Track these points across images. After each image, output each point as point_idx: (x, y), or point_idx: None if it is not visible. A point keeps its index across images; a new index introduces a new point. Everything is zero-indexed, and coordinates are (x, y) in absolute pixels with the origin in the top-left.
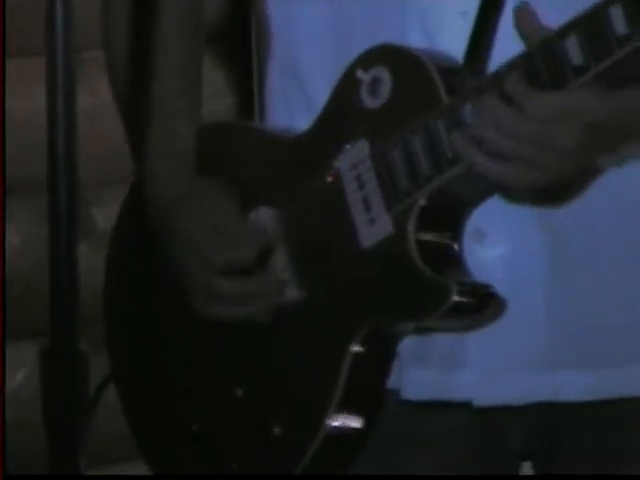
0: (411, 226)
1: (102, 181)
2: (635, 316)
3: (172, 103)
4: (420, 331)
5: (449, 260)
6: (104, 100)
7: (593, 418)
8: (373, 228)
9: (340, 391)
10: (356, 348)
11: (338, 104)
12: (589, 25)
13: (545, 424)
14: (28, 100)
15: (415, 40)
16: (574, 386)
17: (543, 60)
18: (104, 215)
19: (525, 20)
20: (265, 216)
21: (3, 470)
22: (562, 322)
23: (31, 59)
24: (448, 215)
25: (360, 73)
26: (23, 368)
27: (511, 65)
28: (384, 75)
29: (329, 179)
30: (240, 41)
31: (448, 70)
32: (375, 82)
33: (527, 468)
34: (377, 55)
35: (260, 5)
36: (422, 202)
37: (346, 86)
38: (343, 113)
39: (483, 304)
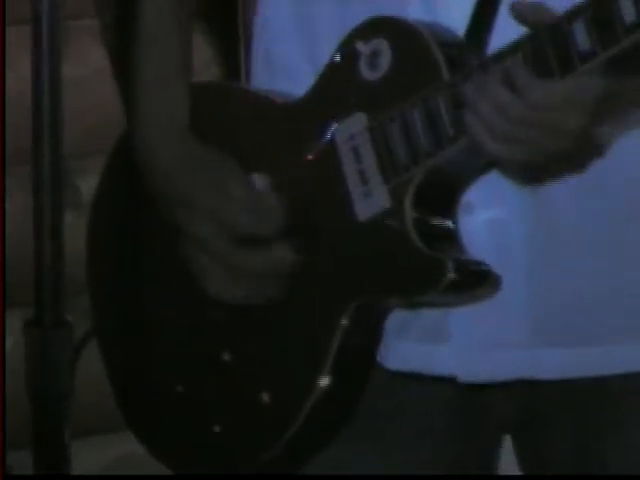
0: (408, 201)
1: (87, 151)
2: (618, 294)
3: (164, 63)
4: (411, 305)
5: (445, 236)
6: (90, 69)
7: (574, 395)
8: (369, 201)
9: (330, 360)
10: (347, 320)
11: (335, 74)
12: (597, 11)
13: (526, 400)
14: (14, 70)
15: (414, 12)
16: (555, 363)
17: (549, 43)
18: (88, 185)
19: (526, 9)
20: (259, 184)
21: (3, 470)
22: (544, 299)
23: (16, 27)
24: (445, 191)
25: (360, 45)
26: (9, 337)
27: (515, 46)
28: (384, 47)
29: (325, 149)
30: (227, 15)
31: (449, 44)
32: (374, 54)
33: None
34: (377, 27)
35: None
36: (420, 177)
37: (344, 56)
38: (340, 83)
39: (478, 281)
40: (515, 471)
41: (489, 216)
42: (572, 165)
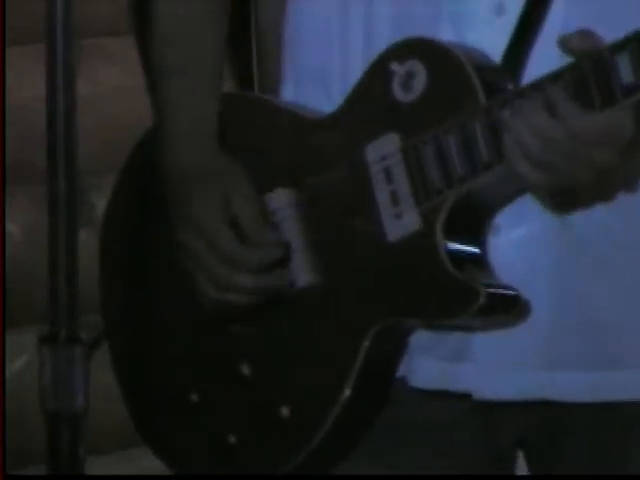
0: (439, 225)
1: (101, 168)
2: (637, 320)
3: (198, 67)
4: (435, 328)
5: (475, 261)
6: (104, 87)
7: (588, 417)
8: (400, 222)
9: (352, 380)
10: (370, 341)
11: (367, 93)
12: None
13: (541, 421)
14: (28, 87)
15: (445, 35)
16: (572, 386)
17: (592, 74)
18: (103, 202)
19: (574, 38)
20: (283, 198)
21: (3, 470)
22: (565, 322)
23: (31, 46)
24: (476, 215)
25: (394, 65)
26: (23, 354)
27: (557, 75)
28: (419, 69)
29: (355, 168)
30: (239, 27)
31: (485, 68)
32: (409, 75)
33: (522, 466)
34: (412, 48)
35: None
36: (452, 201)
37: (377, 76)
38: (371, 102)
39: (508, 307)
40: None
41: (514, 237)
42: (601, 196)
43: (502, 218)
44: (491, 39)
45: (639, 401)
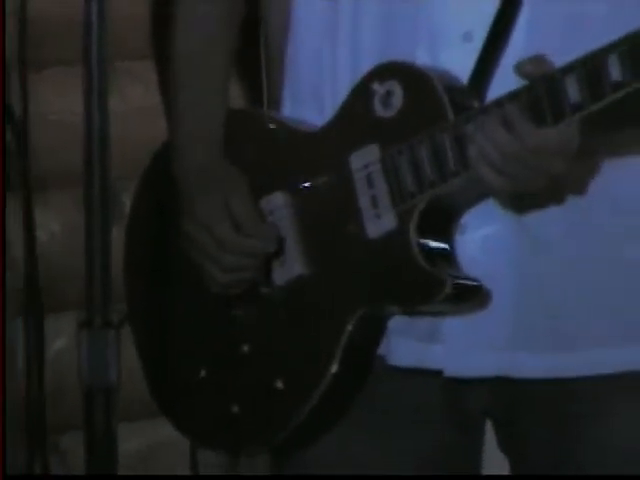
0: (413, 224)
1: (131, 173)
2: (594, 305)
3: (209, 86)
4: (411, 313)
5: (443, 255)
6: (132, 104)
7: (547, 395)
8: (379, 222)
9: (338, 358)
10: (353, 325)
11: (352, 109)
12: (589, 67)
13: (504, 397)
14: (68, 104)
15: (421, 58)
16: (531, 365)
17: (544, 93)
18: None
19: (528, 64)
20: (279, 200)
21: (3, 470)
22: (527, 308)
23: (70, 68)
24: (445, 215)
25: (376, 85)
26: (63, 337)
27: (514, 94)
28: (396, 89)
29: (341, 174)
30: (249, 45)
31: (454, 89)
32: (388, 94)
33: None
34: (391, 70)
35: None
36: (424, 204)
37: (361, 94)
38: (356, 118)
39: (471, 295)
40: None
41: (478, 236)
42: (554, 198)
43: (468, 219)
44: (460, 61)
45: (595, 377)
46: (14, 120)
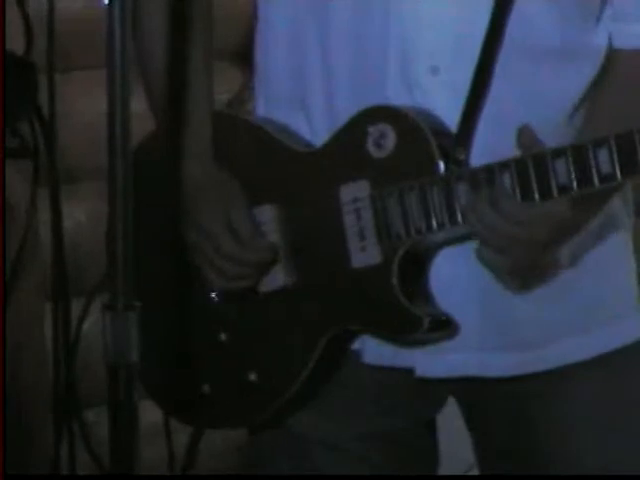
0: (396, 262)
1: None
2: (546, 314)
3: (198, 111)
4: (383, 339)
5: (421, 291)
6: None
7: (508, 390)
8: (364, 254)
9: (311, 365)
10: (327, 339)
11: (346, 142)
12: (580, 156)
13: (469, 394)
14: (94, 105)
15: (393, 92)
16: (494, 364)
17: (534, 170)
18: None
19: (525, 136)
20: (269, 213)
21: (3, 470)
22: (489, 315)
23: (95, 71)
24: (424, 255)
25: (370, 127)
26: (89, 318)
27: (504, 164)
28: (389, 132)
29: (330, 202)
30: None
31: (442, 134)
32: (381, 136)
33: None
34: (384, 113)
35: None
36: (409, 244)
37: (355, 132)
38: (350, 152)
39: (442, 327)
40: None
41: (442, 255)
42: (548, 271)
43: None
44: (432, 94)
45: (541, 372)
46: (43, 120)
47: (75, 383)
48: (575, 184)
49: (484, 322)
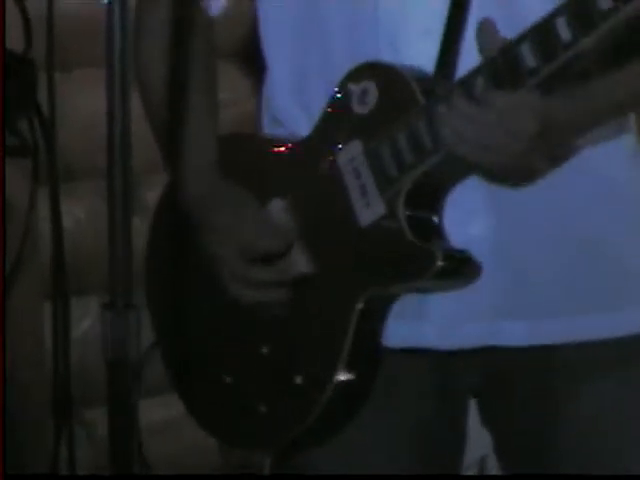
0: (400, 205)
1: (151, 168)
2: (568, 277)
3: (201, 124)
4: (411, 291)
5: (433, 231)
6: None
7: (532, 365)
8: (369, 210)
9: (349, 343)
10: (360, 307)
11: (334, 111)
12: (539, 33)
13: (490, 368)
14: (92, 102)
15: (386, 56)
16: (513, 333)
17: (503, 64)
18: (152, 194)
19: (486, 32)
20: (278, 206)
21: (3, 470)
22: (506, 280)
23: (95, 69)
24: (430, 194)
25: (352, 86)
26: (88, 317)
27: (477, 70)
28: (371, 87)
29: (330, 171)
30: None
31: (422, 78)
32: (364, 93)
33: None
34: (365, 71)
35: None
36: (409, 185)
37: (340, 96)
38: (338, 119)
39: (462, 267)
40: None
41: (459, 212)
42: (530, 175)
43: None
44: (422, 53)
45: (577, 345)
46: (42, 118)
47: (69, 382)
48: (541, 62)
49: (499, 287)
